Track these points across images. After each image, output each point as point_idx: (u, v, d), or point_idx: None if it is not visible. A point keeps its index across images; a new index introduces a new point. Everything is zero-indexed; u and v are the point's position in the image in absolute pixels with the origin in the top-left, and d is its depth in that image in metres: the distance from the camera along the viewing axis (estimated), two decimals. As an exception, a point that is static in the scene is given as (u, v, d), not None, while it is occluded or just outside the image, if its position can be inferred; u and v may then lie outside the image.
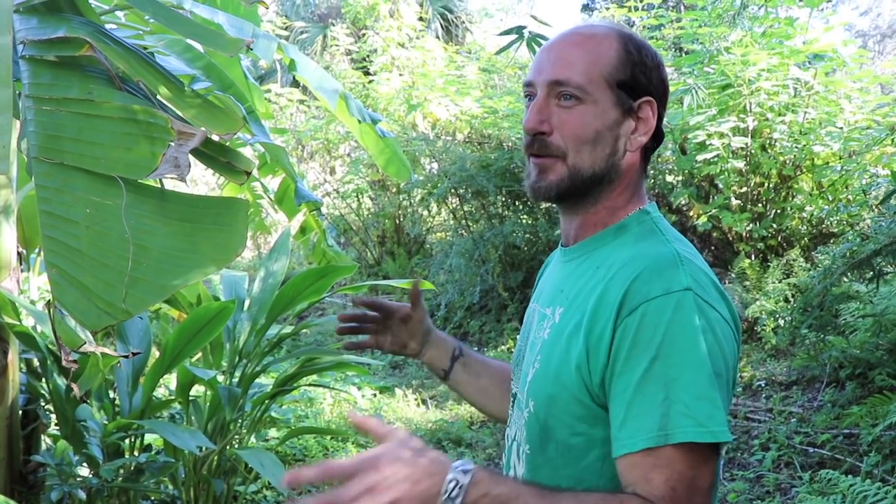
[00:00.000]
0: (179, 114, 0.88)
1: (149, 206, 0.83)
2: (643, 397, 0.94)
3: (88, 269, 0.83)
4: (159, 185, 0.87)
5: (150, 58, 0.92)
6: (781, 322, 5.22)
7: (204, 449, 3.20)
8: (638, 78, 1.10)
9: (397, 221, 9.86)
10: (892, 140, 5.14)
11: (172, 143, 0.79)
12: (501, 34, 2.92)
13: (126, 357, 2.52)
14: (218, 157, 0.88)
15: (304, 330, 4.63)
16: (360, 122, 3.08)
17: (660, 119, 1.14)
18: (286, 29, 11.46)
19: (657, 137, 1.16)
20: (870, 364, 4.23)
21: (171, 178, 0.79)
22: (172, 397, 3.60)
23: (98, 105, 0.83)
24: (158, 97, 0.91)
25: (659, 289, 0.97)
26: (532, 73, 1.15)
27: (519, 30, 2.94)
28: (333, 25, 11.91)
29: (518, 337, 1.30)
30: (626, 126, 1.11)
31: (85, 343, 0.84)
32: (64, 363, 0.85)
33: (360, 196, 9.93)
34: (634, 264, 1.03)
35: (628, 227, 1.13)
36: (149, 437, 3.52)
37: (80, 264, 0.83)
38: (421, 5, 11.19)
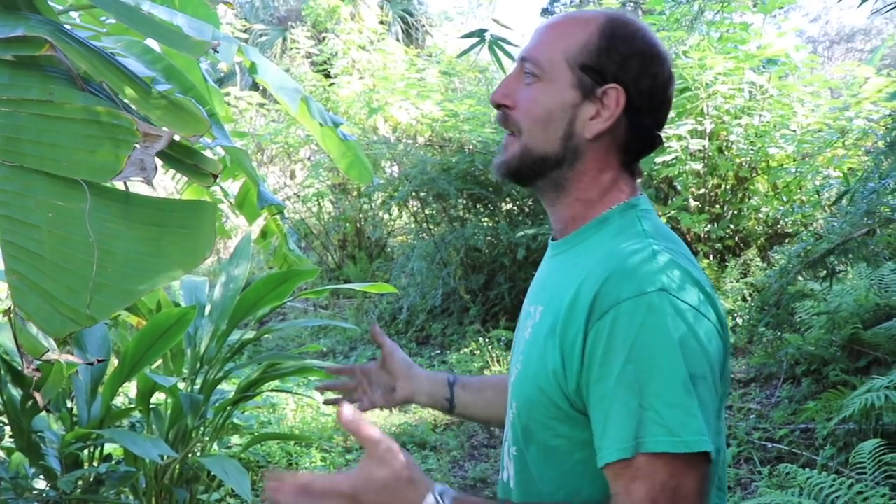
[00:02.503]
0: (144, 115, 0.86)
1: (113, 209, 0.81)
2: (619, 405, 0.91)
3: (51, 275, 0.81)
4: (123, 189, 0.86)
5: (113, 58, 0.90)
6: (739, 321, 5.32)
7: (166, 457, 3.14)
8: (605, 64, 1.05)
9: (358, 225, 9.83)
10: (843, 143, 5.26)
11: (138, 145, 0.77)
12: (463, 37, 2.91)
13: (91, 364, 2.47)
14: (184, 159, 0.86)
15: (267, 335, 4.57)
16: (321, 125, 3.06)
17: (641, 113, 1.07)
18: (245, 31, 11.35)
19: (645, 137, 1.10)
20: (824, 360, 4.32)
21: (137, 180, 0.78)
22: (132, 406, 3.54)
23: (59, 106, 0.81)
24: (122, 98, 0.89)
25: (630, 290, 0.93)
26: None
27: (480, 33, 2.94)
28: (293, 28, 11.85)
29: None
30: (585, 110, 1.06)
31: (48, 351, 0.82)
32: (26, 372, 0.83)
33: (320, 200, 9.88)
34: (606, 263, 0.99)
35: (610, 220, 1.08)
36: (108, 447, 3.45)
37: (42, 270, 0.81)
38: (381, 8, 11.19)
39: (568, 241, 1.12)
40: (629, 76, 1.06)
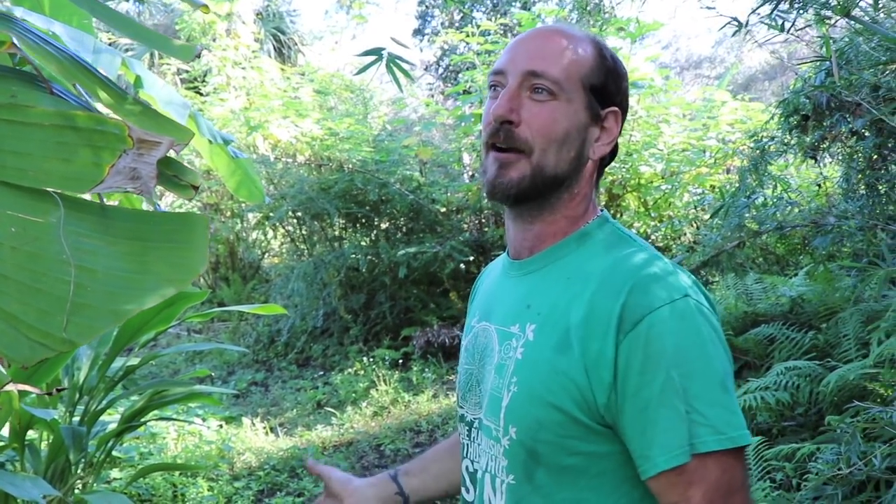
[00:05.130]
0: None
1: (88, 223, 0.74)
2: (666, 411, 0.91)
3: (16, 296, 0.72)
4: (98, 201, 0.78)
5: (82, 60, 0.82)
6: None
7: (45, 497, 2.91)
8: (609, 86, 1.07)
9: (231, 246, 9.54)
10: (714, 160, 5.60)
11: (127, 153, 0.71)
12: (361, 55, 2.90)
13: (49, 394, 2.24)
14: (163, 170, 0.80)
15: (152, 361, 4.33)
16: (210, 142, 2.95)
17: (621, 134, 1.11)
18: (110, 45, 10.79)
19: (613, 151, 1.12)
20: (700, 368, 4.55)
21: (130, 191, 0.71)
22: (4, 443, 3.26)
23: (24, 110, 0.73)
24: (94, 103, 0.82)
25: (660, 298, 0.94)
26: (504, 62, 1.07)
27: (378, 51, 2.93)
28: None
29: (462, 359, 1.21)
30: (592, 132, 1.07)
31: (10, 381, 0.73)
32: (-17, 403, 0.74)
33: (190, 220, 9.51)
34: (621, 275, 0.98)
35: (591, 234, 1.08)
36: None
37: (5, 291, 0.72)
38: (254, 23, 10.96)
39: (543, 257, 1.09)
40: (621, 99, 1.09)
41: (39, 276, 0.72)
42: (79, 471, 3.30)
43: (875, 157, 3.73)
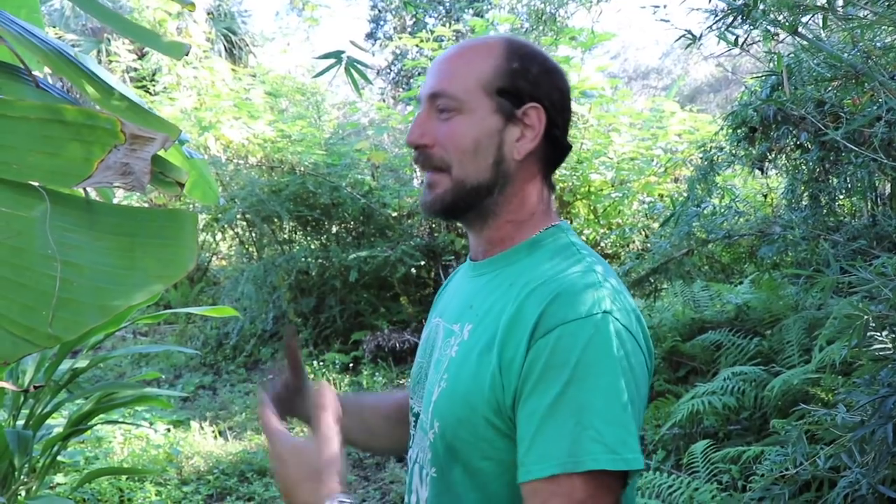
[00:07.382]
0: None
1: (74, 218, 0.72)
2: (553, 421, 0.89)
3: (-1, 291, 0.72)
4: (84, 196, 0.77)
5: (68, 54, 0.81)
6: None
7: (-13, 502, 2.83)
8: (519, 85, 1.07)
9: (178, 248, 9.37)
10: (665, 169, 5.71)
11: (119, 148, 0.70)
12: (320, 57, 2.89)
13: (26, 391, 2.18)
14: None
15: (100, 364, 4.23)
16: (166, 140, 2.91)
17: (557, 127, 1.10)
18: (58, 39, 10.46)
19: (560, 149, 1.13)
20: (649, 372, 4.63)
21: (121, 186, 0.71)
22: (-58, 448, 3.15)
23: (8, 103, 0.72)
24: (80, 98, 0.81)
25: (577, 312, 0.93)
26: (421, 89, 1.13)
27: (337, 54, 2.93)
28: (110, 40, 11.14)
29: (417, 352, 1.23)
30: (510, 133, 1.07)
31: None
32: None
33: (136, 221, 9.30)
34: (552, 284, 0.99)
35: (542, 242, 1.09)
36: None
37: (-14, 285, 0.71)
38: (205, 22, 10.81)
39: (495, 261, 1.12)
40: (542, 93, 1.08)
41: (23, 270, 0.71)
42: (22, 476, 3.21)
43: (818, 169, 3.85)
